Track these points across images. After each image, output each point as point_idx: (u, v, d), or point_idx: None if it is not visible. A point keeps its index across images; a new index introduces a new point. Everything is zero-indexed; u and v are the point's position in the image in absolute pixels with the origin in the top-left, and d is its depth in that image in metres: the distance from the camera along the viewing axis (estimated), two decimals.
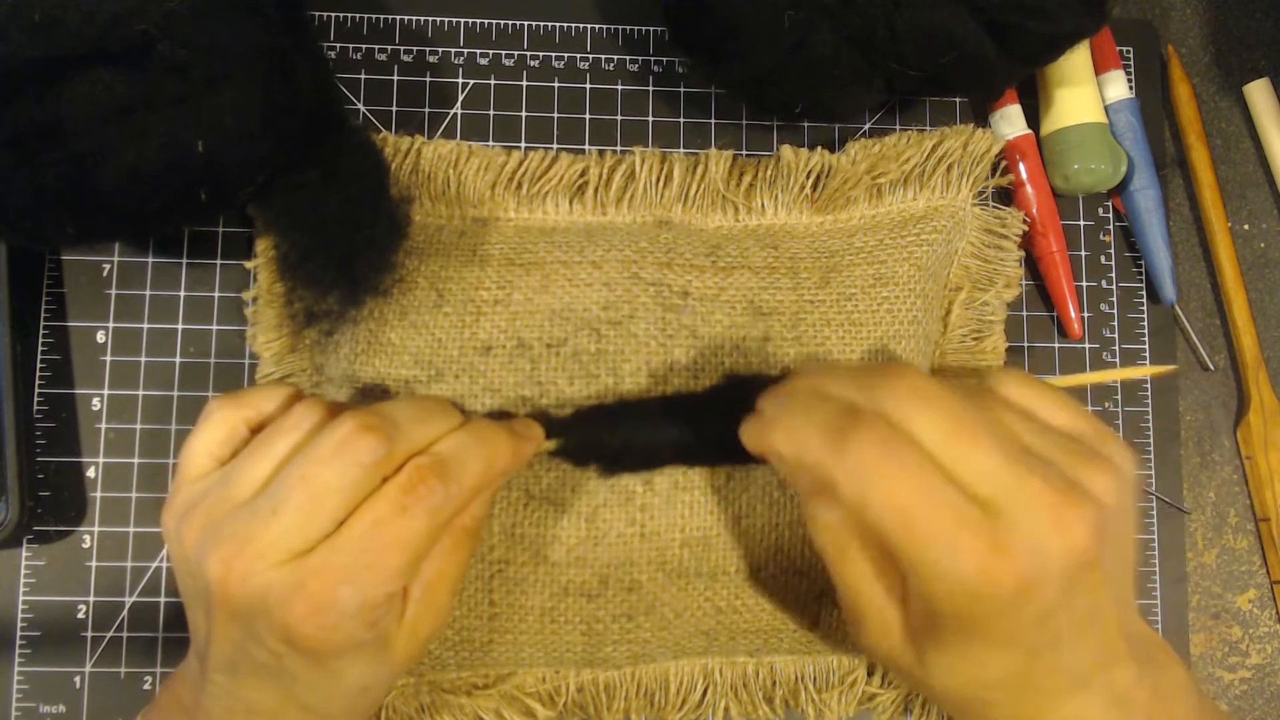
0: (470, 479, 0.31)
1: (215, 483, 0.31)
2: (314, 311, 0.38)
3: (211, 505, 0.30)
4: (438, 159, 0.43)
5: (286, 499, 0.29)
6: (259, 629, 0.29)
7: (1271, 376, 0.47)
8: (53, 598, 0.42)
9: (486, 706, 0.41)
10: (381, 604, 0.29)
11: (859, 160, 0.43)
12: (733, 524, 0.39)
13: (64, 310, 0.43)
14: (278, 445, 0.31)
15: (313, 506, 0.29)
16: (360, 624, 0.29)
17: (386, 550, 0.29)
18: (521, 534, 0.38)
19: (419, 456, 0.30)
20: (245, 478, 0.30)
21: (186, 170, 0.34)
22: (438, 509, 0.30)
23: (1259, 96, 0.48)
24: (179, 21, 0.33)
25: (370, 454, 0.29)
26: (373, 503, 0.29)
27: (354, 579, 0.28)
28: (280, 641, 0.29)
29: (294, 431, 0.31)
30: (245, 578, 0.28)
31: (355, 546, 0.29)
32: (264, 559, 0.28)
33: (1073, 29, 0.40)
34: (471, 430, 0.32)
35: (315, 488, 0.29)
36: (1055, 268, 0.45)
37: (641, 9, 0.47)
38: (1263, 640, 0.46)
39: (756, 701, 0.42)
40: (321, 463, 0.29)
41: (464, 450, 0.31)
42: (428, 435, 0.31)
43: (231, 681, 0.30)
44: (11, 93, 0.32)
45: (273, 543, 0.28)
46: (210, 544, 0.29)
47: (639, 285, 0.40)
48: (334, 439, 0.30)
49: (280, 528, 0.28)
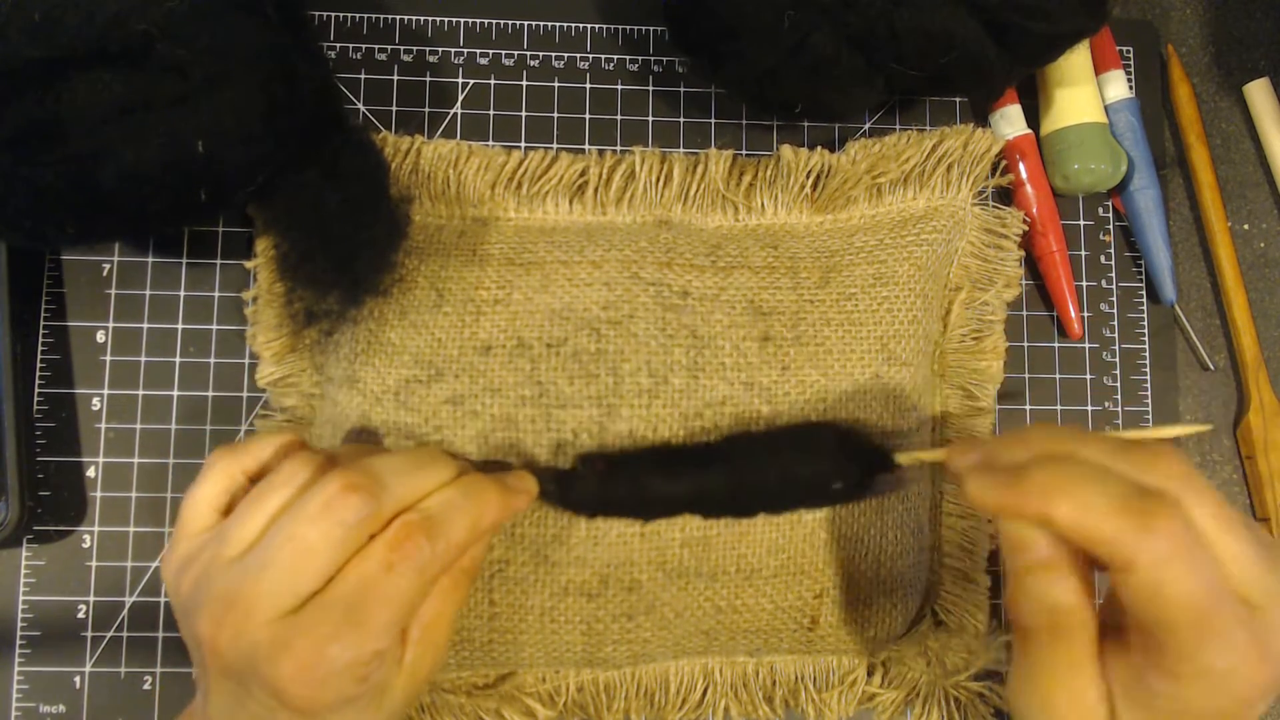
0: (458, 535, 0.31)
1: (211, 538, 0.32)
2: (314, 311, 0.38)
3: (206, 561, 0.31)
4: (438, 159, 0.43)
5: (274, 558, 0.29)
6: (250, 686, 0.29)
7: (1271, 376, 0.47)
8: (53, 598, 0.42)
9: (486, 706, 0.41)
10: (370, 661, 0.29)
11: (859, 160, 0.43)
12: (733, 524, 0.39)
13: (64, 310, 0.43)
14: (269, 502, 0.31)
15: (299, 565, 0.29)
16: (349, 680, 0.29)
17: (374, 608, 0.29)
18: (521, 534, 0.38)
19: (408, 514, 0.31)
20: (236, 535, 0.31)
21: (186, 170, 0.34)
22: (425, 566, 0.30)
23: (1259, 96, 0.48)
24: (179, 21, 0.33)
25: (355, 513, 0.29)
26: (359, 561, 0.29)
27: (342, 637, 0.28)
28: (271, 698, 0.29)
29: (284, 488, 0.31)
30: (234, 636, 0.29)
31: (342, 605, 0.29)
32: (251, 618, 0.29)
33: (1073, 29, 0.40)
34: (460, 486, 0.32)
35: (301, 547, 0.29)
36: (1055, 268, 0.45)
37: (641, 9, 0.47)
38: None
39: (756, 701, 0.42)
40: (308, 522, 0.29)
41: (452, 507, 0.31)
42: (416, 491, 0.31)
43: None
44: (11, 93, 0.32)
45: (260, 601, 0.29)
46: (201, 601, 0.30)
47: (639, 285, 0.40)
48: (320, 499, 0.30)
49: (268, 585, 0.29)
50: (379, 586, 0.29)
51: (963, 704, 0.42)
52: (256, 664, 0.28)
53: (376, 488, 0.30)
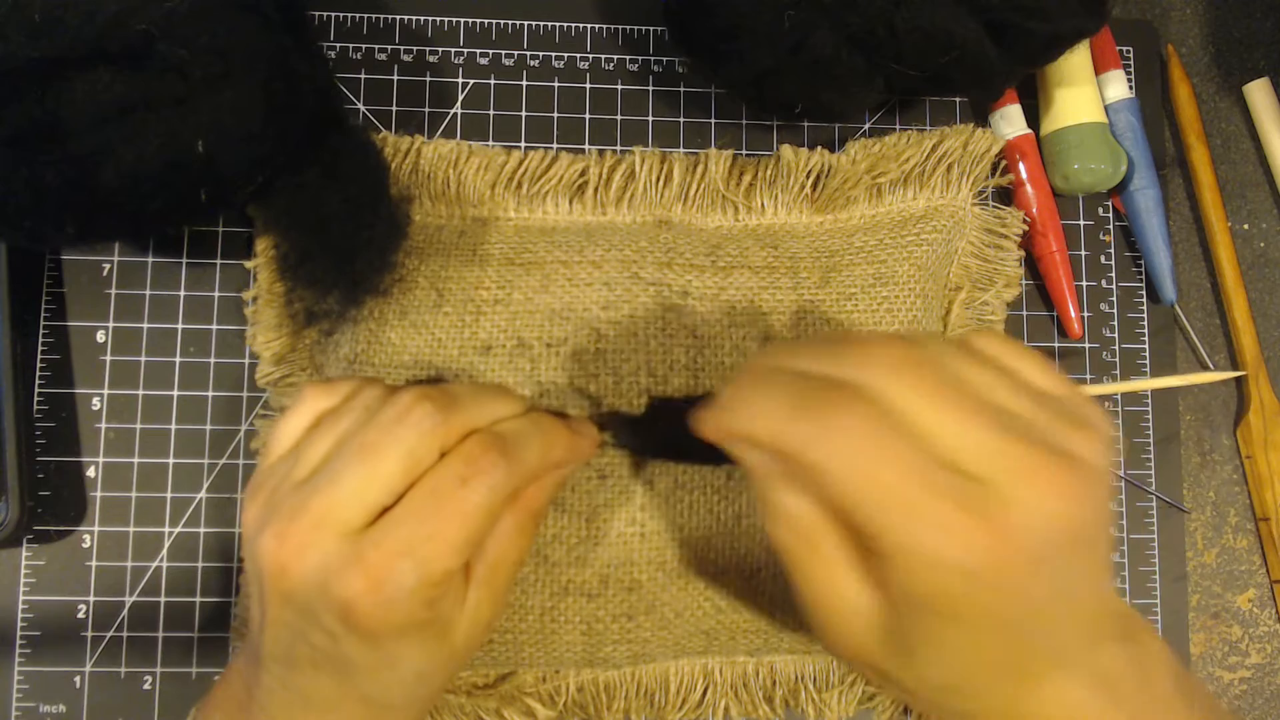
0: (531, 458, 0.30)
1: (284, 463, 0.31)
2: (314, 311, 0.38)
3: (276, 484, 0.30)
4: (438, 159, 0.43)
5: (344, 469, 0.28)
6: (315, 609, 0.28)
7: (1271, 376, 0.47)
8: (53, 598, 0.42)
9: (486, 706, 0.41)
10: (440, 581, 0.28)
11: (859, 160, 0.43)
12: (733, 524, 0.39)
13: (64, 310, 0.43)
14: (341, 424, 0.31)
15: (370, 474, 0.28)
16: (419, 602, 0.28)
17: (446, 522, 0.28)
18: None
19: (479, 432, 0.30)
20: (308, 456, 0.30)
21: (186, 170, 0.34)
22: (498, 485, 0.29)
23: (1259, 96, 0.48)
24: (179, 21, 0.33)
25: (428, 419, 0.29)
26: (432, 475, 0.29)
27: (413, 552, 0.27)
28: (337, 621, 0.28)
29: (358, 410, 0.31)
30: (300, 551, 0.28)
31: (414, 518, 0.28)
32: (321, 531, 0.28)
33: (1073, 29, 0.40)
34: (531, 417, 0.32)
35: (372, 455, 0.28)
36: (1055, 268, 0.45)
37: (641, 9, 0.47)
38: (1262, 640, 0.46)
39: (756, 701, 0.42)
40: (379, 430, 0.29)
41: (524, 433, 0.31)
42: (487, 415, 0.31)
43: (288, 673, 0.30)
44: (11, 93, 0.32)
45: (330, 514, 0.28)
46: (267, 520, 0.29)
47: (639, 285, 0.40)
48: (394, 409, 0.29)
49: (338, 497, 0.28)
50: (451, 500, 0.28)
51: None
52: (325, 581, 0.27)
53: (449, 401, 0.30)
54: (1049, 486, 0.25)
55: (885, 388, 0.26)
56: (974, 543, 0.24)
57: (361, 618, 0.28)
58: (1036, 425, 0.26)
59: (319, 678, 0.29)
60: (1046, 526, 0.25)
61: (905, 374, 0.26)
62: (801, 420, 0.26)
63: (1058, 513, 0.25)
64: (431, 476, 0.29)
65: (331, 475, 0.29)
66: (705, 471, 0.38)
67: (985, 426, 0.26)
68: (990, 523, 0.24)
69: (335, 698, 0.30)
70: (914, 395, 0.26)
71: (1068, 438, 0.26)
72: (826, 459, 0.25)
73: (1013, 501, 0.25)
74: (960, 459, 0.25)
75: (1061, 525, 0.25)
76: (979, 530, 0.24)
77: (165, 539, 0.42)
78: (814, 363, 0.28)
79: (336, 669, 0.29)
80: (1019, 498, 0.25)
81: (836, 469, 0.25)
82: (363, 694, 0.30)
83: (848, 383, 0.26)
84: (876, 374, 0.26)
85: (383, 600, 0.27)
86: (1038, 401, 0.27)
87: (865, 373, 0.26)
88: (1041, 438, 0.26)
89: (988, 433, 0.25)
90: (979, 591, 0.25)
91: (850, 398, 0.26)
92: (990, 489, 0.25)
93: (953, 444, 0.25)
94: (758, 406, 0.27)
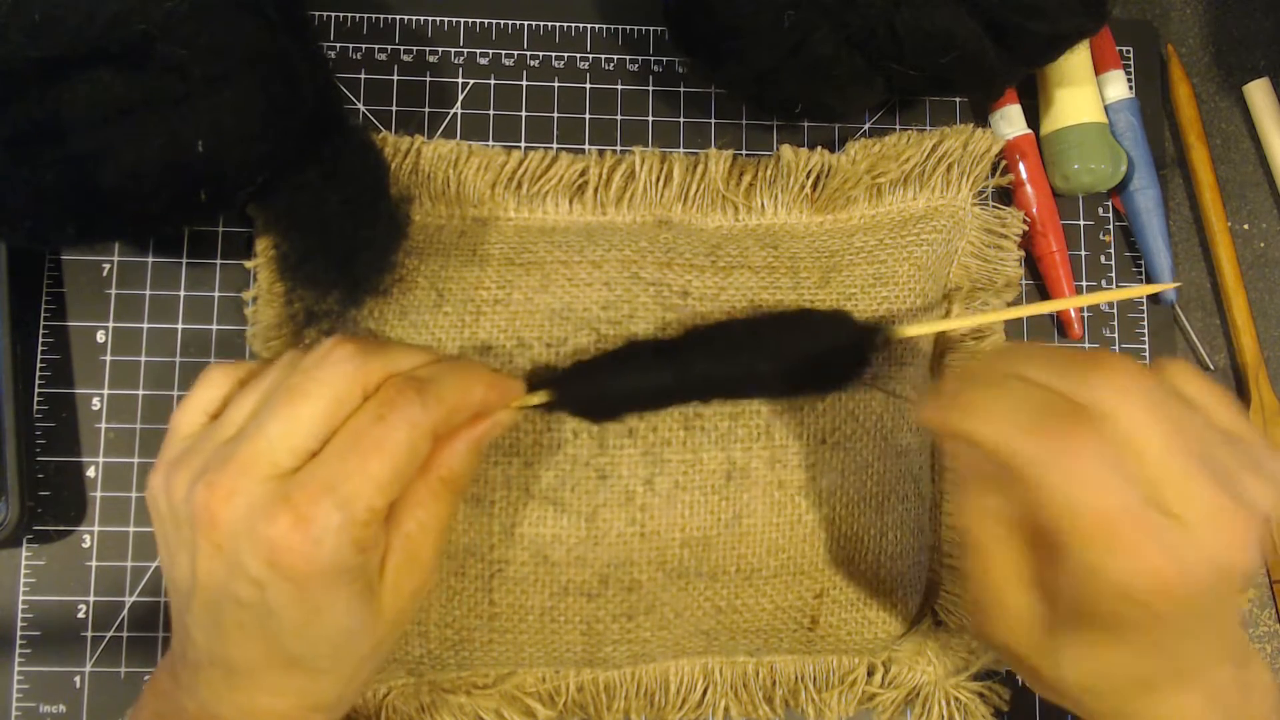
0: (448, 396, 0.31)
1: (206, 431, 0.32)
2: (314, 311, 0.38)
3: (201, 448, 0.31)
4: (438, 159, 0.43)
5: (270, 415, 0.29)
6: (242, 555, 0.28)
7: (1271, 376, 0.47)
8: (53, 598, 0.42)
9: (486, 706, 0.41)
10: (366, 520, 0.29)
11: (859, 160, 0.43)
12: (733, 524, 0.39)
13: (64, 310, 0.43)
14: (264, 382, 0.32)
15: (294, 416, 0.29)
16: (346, 542, 0.28)
17: (366, 458, 0.29)
18: (521, 534, 0.38)
19: (396, 375, 0.31)
20: (232, 418, 0.31)
21: (186, 170, 0.34)
22: (415, 419, 0.30)
23: (1259, 96, 0.48)
24: (179, 21, 0.33)
25: (348, 361, 0.30)
26: (354, 418, 0.30)
27: (336, 489, 0.28)
28: (264, 566, 0.28)
29: (280, 367, 0.32)
30: (229, 497, 0.28)
31: (336, 458, 0.29)
32: (248, 476, 0.28)
33: (1073, 29, 0.40)
34: (448, 361, 0.33)
35: (298, 398, 0.29)
36: (1055, 268, 0.45)
37: (641, 9, 0.47)
38: (1262, 640, 0.46)
39: (756, 701, 0.42)
40: (303, 374, 0.30)
41: (440, 374, 0.32)
42: (406, 362, 0.32)
43: (214, 643, 0.30)
44: (11, 93, 0.32)
45: (257, 458, 0.29)
46: (198, 477, 0.29)
47: (639, 285, 0.40)
48: (315, 355, 0.31)
49: (264, 442, 0.29)
50: (369, 437, 0.29)
51: (963, 704, 0.42)
52: (253, 524, 0.28)
53: (367, 344, 0.31)
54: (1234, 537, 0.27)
55: (1122, 416, 0.27)
56: (1160, 577, 0.26)
57: (288, 556, 0.28)
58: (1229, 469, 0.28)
59: (245, 642, 0.30)
60: (1223, 572, 0.27)
61: (1147, 405, 0.27)
62: (1039, 437, 0.27)
63: (1234, 562, 0.27)
64: (353, 419, 0.30)
65: (258, 422, 0.29)
66: (705, 472, 0.38)
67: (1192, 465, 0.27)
68: (1179, 562, 0.26)
69: (261, 664, 0.30)
70: (1147, 428, 0.27)
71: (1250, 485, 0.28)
72: (1052, 479, 0.27)
73: (1203, 545, 0.26)
74: (1165, 495, 0.27)
75: (1237, 576, 0.27)
76: (1168, 567, 0.26)
77: None
78: (1056, 378, 0.29)
79: (262, 626, 0.29)
80: (1208, 543, 0.26)
81: (1058, 489, 0.27)
82: (288, 655, 0.30)
83: (1087, 408, 0.27)
84: (1117, 401, 0.27)
85: (310, 539, 0.28)
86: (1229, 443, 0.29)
87: (1108, 397, 0.28)
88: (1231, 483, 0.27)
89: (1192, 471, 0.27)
90: (1146, 618, 0.27)
91: (1089, 424, 0.27)
92: (1186, 529, 0.26)
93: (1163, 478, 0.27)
94: (994, 412, 0.28)
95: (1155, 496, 0.27)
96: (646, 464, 0.38)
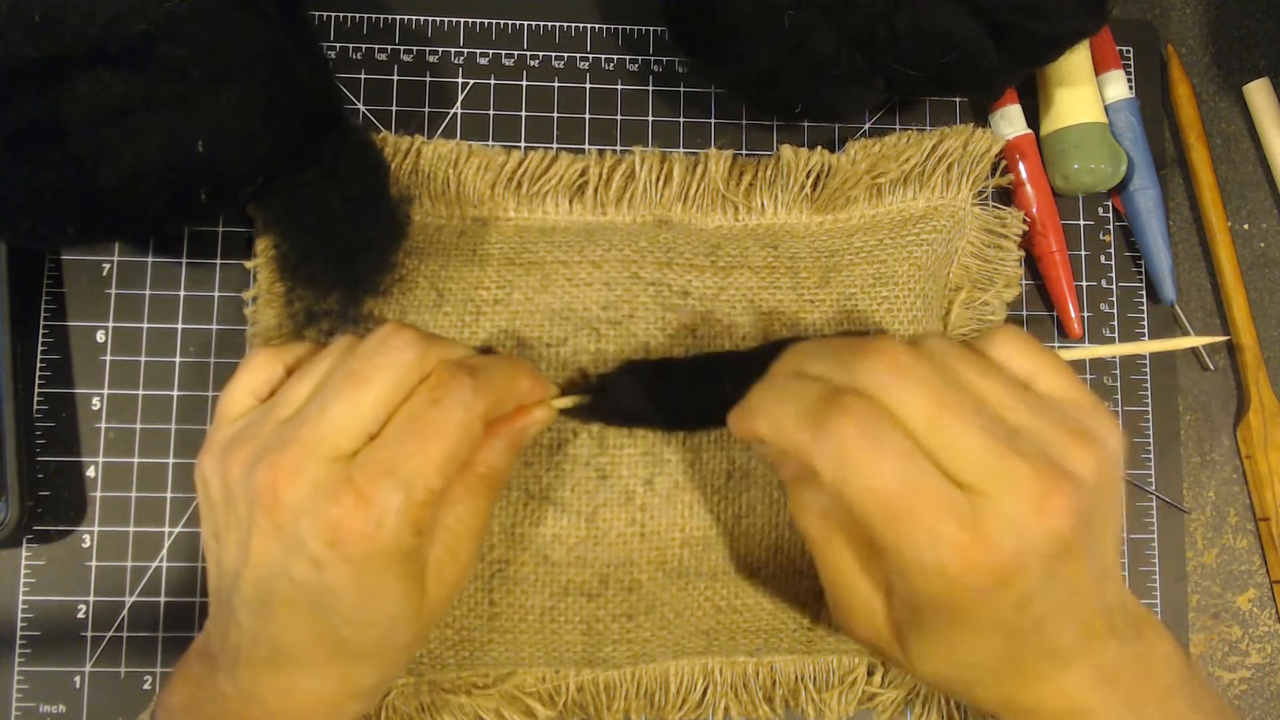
0: (497, 381, 0.32)
1: (260, 413, 0.32)
2: (314, 311, 0.38)
3: (257, 429, 0.31)
4: (438, 159, 0.43)
5: (333, 397, 0.30)
6: (303, 534, 0.29)
7: (1271, 376, 0.47)
8: (53, 598, 0.42)
9: (486, 706, 0.41)
10: (425, 501, 0.29)
11: (859, 160, 0.43)
12: (733, 524, 0.39)
13: (64, 310, 0.43)
14: (321, 365, 0.32)
15: (357, 400, 0.30)
16: (406, 524, 0.29)
17: (424, 440, 0.29)
18: (521, 534, 0.38)
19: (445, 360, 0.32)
20: (290, 397, 0.32)
21: (186, 170, 0.34)
22: (468, 402, 0.30)
23: (1259, 96, 0.48)
24: (179, 21, 0.33)
25: (410, 348, 0.31)
26: (409, 402, 0.30)
27: (396, 471, 0.29)
28: (325, 545, 0.28)
29: (335, 352, 0.33)
30: (293, 477, 0.29)
31: (394, 441, 0.29)
32: (313, 457, 0.29)
33: (1073, 29, 0.40)
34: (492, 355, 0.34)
35: (361, 383, 0.30)
36: (1055, 268, 0.45)
37: (641, 9, 0.47)
38: (1263, 640, 0.46)
39: (756, 701, 0.42)
40: (363, 358, 0.31)
41: (487, 362, 0.33)
42: (456, 351, 0.33)
43: (260, 622, 0.30)
44: (11, 93, 0.32)
45: (321, 440, 0.29)
46: (259, 458, 0.30)
47: (639, 285, 0.40)
48: (374, 340, 0.31)
49: (328, 425, 0.29)
50: (426, 419, 0.30)
51: (963, 704, 0.42)
52: (316, 504, 0.28)
53: (424, 333, 0.32)
54: (1036, 501, 0.26)
55: (884, 394, 0.27)
56: (965, 553, 0.25)
57: (350, 537, 0.28)
58: (1035, 436, 0.27)
59: (293, 622, 0.30)
60: (1032, 540, 0.26)
61: (910, 383, 0.27)
62: (806, 427, 0.27)
63: (1048, 529, 0.26)
64: (408, 404, 0.30)
65: (320, 405, 0.30)
66: (705, 472, 0.38)
67: (981, 436, 0.26)
68: (980, 534, 0.25)
69: (308, 645, 0.30)
70: (917, 405, 0.27)
71: (1064, 449, 0.27)
72: (825, 465, 0.26)
73: (1001, 515, 0.26)
74: (955, 467, 0.26)
75: (1053, 541, 0.26)
76: (970, 541, 0.25)
77: (165, 539, 0.42)
78: (824, 367, 0.29)
79: (314, 606, 0.29)
80: (1006, 511, 0.26)
81: (835, 475, 0.26)
82: (335, 638, 0.30)
83: (849, 389, 0.27)
84: (881, 382, 0.27)
85: (372, 520, 0.28)
86: (1041, 410, 0.28)
87: (867, 379, 0.27)
88: (1038, 450, 0.27)
89: (982, 442, 0.26)
90: (971, 598, 0.26)
91: (851, 405, 0.26)
92: (982, 500, 0.26)
93: (949, 452, 0.26)
94: (772, 410, 0.29)
95: (942, 469, 0.26)
96: (646, 464, 0.38)
